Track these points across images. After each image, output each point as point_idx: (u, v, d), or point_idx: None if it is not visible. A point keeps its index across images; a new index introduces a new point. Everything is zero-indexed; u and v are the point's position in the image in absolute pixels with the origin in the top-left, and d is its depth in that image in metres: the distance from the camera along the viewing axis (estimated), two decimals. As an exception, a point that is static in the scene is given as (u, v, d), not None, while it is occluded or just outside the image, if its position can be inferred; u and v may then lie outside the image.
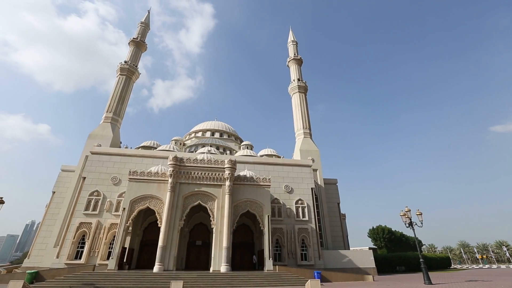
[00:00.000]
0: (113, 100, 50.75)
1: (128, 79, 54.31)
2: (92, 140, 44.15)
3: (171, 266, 28.20)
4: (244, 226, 37.36)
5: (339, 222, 45.70)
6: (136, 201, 30.68)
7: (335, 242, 43.38)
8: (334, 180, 50.01)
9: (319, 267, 34.95)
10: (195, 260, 34.73)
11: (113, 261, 27.42)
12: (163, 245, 28.41)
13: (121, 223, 29.19)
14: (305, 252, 36.50)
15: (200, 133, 66.64)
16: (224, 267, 28.06)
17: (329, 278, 29.95)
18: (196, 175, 32.25)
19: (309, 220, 38.33)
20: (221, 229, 30.15)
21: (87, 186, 36.00)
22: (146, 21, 66.03)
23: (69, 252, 32.20)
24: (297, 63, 63.92)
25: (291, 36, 70.58)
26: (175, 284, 18.71)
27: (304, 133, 53.51)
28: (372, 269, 37.74)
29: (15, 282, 17.25)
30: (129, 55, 57.67)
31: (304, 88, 59.51)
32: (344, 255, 38.53)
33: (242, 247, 36.39)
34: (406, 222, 27.49)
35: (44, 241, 36.44)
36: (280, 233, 36.48)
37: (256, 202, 32.43)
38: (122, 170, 37.37)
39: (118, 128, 49.74)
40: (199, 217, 36.28)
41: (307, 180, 41.43)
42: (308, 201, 39.61)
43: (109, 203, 35.48)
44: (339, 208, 47.34)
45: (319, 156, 49.74)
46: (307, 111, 56.77)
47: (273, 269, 29.10)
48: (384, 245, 76.88)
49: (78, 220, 33.81)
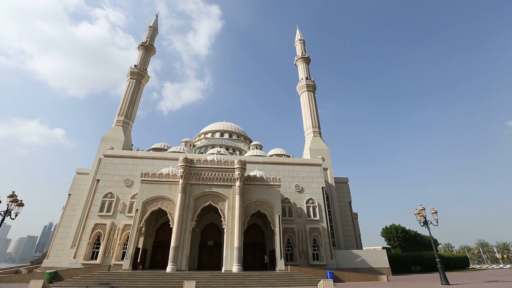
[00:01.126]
0: (124, 104, 51.84)
1: (138, 82, 55.35)
2: (105, 143, 45.26)
3: (183, 266, 28.53)
4: (255, 226, 37.38)
5: (351, 221, 45.05)
6: (148, 203, 31.20)
7: (348, 242, 42.79)
8: (345, 179, 49.35)
9: (332, 267, 34.54)
10: (207, 260, 35.02)
11: (128, 262, 27.97)
12: (176, 246, 28.77)
13: (134, 224, 29.75)
14: (317, 252, 36.17)
15: (209, 134, 67.16)
16: (236, 267, 28.16)
17: (342, 278, 29.57)
18: (206, 176, 32.49)
19: (320, 219, 37.96)
20: (232, 230, 30.27)
21: (101, 188, 36.89)
22: (154, 25, 67.11)
23: (85, 252, 33.10)
24: (305, 62, 63.43)
25: (298, 34, 70.13)
26: (188, 284, 18.92)
27: (313, 131, 53.06)
28: (386, 269, 37.00)
29: (35, 282, 17.91)
30: (139, 59, 58.74)
31: (313, 87, 59.01)
32: (357, 255, 37.95)
33: (253, 247, 36.43)
34: (421, 220, 26.84)
35: (62, 242, 37.63)
36: (291, 233, 36.30)
37: (267, 202, 32.39)
38: (134, 172, 38.09)
39: (130, 131, 50.76)
40: (210, 218, 36.56)
41: (317, 179, 41.04)
42: (319, 201, 39.24)
43: (122, 204, 36.24)
44: (350, 207, 46.69)
45: (329, 155, 49.20)
46: (316, 110, 56.26)
47: (284, 269, 28.97)
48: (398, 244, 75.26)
49: (93, 221, 34.69)
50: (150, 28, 65.56)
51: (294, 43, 70.35)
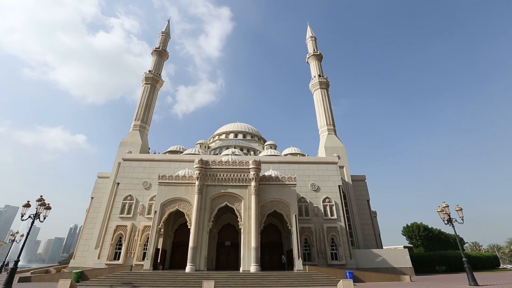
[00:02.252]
0: (140, 108, 53.38)
1: (153, 87, 56.80)
2: (123, 148, 46.79)
3: (202, 266, 28.94)
4: (271, 226, 37.29)
5: (369, 220, 43.94)
6: (166, 204, 31.90)
7: (367, 241, 41.74)
8: (362, 177, 48.21)
9: (351, 267, 33.82)
10: (225, 260, 35.32)
11: (148, 262, 28.76)
12: (194, 246, 29.24)
13: (153, 225, 30.52)
14: (335, 252, 35.55)
15: (223, 135, 67.74)
16: (253, 267, 28.21)
17: (362, 278, 28.89)
18: (222, 177, 32.78)
19: (338, 218, 37.29)
20: (248, 230, 30.35)
21: (121, 191, 38.18)
22: (167, 31, 68.64)
23: (108, 253, 34.38)
24: (317, 59, 62.56)
25: (309, 32, 69.29)
26: (207, 284, 19.17)
27: (328, 129, 52.23)
28: (409, 269, 35.75)
29: (63, 281, 18.85)
30: (153, 65, 60.29)
31: (326, 84, 58.09)
32: (377, 254, 36.94)
33: (270, 247, 36.36)
34: (445, 218, 25.71)
35: (86, 243, 39.32)
36: (308, 232, 35.90)
37: (283, 202, 32.22)
38: (152, 174, 39.09)
39: (146, 135, 52.18)
40: (227, 218, 36.85)
41: (333, 177, 40.34)
42: (336, 199, 38.56)
43: (142, 206, 37.31)
44: (369, 205, 45.53)
45: (345, 153, 48.23)
46: (330, 107, 55.34)
47: (303, 269, 28.71)
48: (420, 243, 72.61)
49: (115, 223, 35.96)
50: (162, 34, 67.14)
51: (305, 41, 69.55)
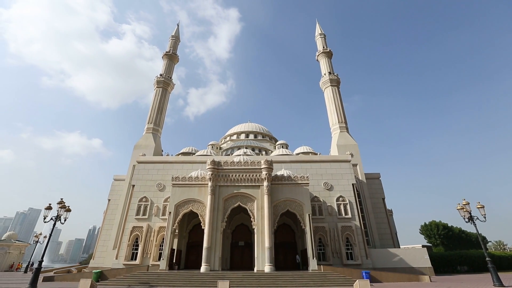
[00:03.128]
0: (152, 112, 54.48)
1: (164, 90, 57.84)
2: (137, 151, 47.89)
3: (216, 266, 29.19)
4: (285, 225, 37.13)
5: (385, 219, 42.88)
6: (180, 205, 32.39)
7: (383, 240, 40.76)
8: (376, 175, 47.15)
9: (367, 267, 33.18)
10: (239, 260, 35.47)
11: (164, 262, 29.31)
12: (208, 246, 29.53)
13: (168, 226, 31.06)
14: (351, 251, 34.97)
15: (234, 136, 68.08)
16: (268, 267, 28.17)
17: (379, 278, 28.27)
18: (234, 177, 32.93)
19: (353, 217, 36.66)
20: (262, 230, 30.34)
21: (136, 193, 39.09)
22: (176, 34, 69.72)
23: (125, 253, 35.29)
24: (327, 56, 61.75)
25: (318, 29, 68.48)
26: (222, 284, 19.33)
27: (340, 127, 51.43)
28: (428, 269, 34.66)
29: (84, 281, 19.58)
30: (164, 68, 61.41)
31: (337, 81, 57.25)
32: (394, 254, 36.03)
33: (284, 246, 36.21)
34: (465, 216, 24.75)
35: (105, 244, 40.52)
36: (322, 231, 35.49)
37: (296, 201, 32.01)
38: (166, 176, 39.79)
39: (159, 137, 53.19)
40: (240, 218, 36.98)
41: (347, 176, 39.70)
42: (350, 198, 37.92)
43: (156, 208, 38.05)
44: (384, 203, 44.45)
45: (358, 150, 47.35)
46: (341, 105, 54.49)
47: (317, 269, 28.41)
48: (440, 242, 70.29)
49: (131, 224, 36.85)
50: (172, 38, 68.24)
51: (314, 38, 68.79)
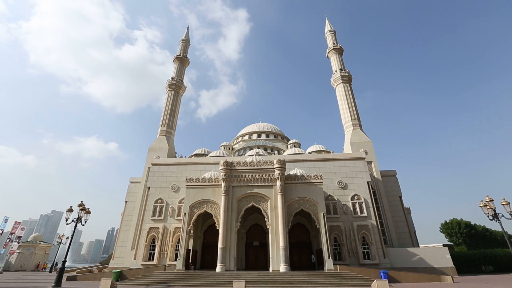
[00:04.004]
0: (165, 115, 55.54)
1: (176, 93, 58.84)
2: (152, 153, 48.97)
3: (232, 266, 29.35)
4: (299, 225, 36.86)
5: (403, 217, 41.72)
6: (194, 206, 32.81)
7: (401, 239, 39.66)
8: (392, 172, 45.95)
9: (385, 267, 32.37)
10: (254, 260, 35.52)
11: (180, 262, 29.77)
12: (223, 247, 29.75)
13: (184, 227, 31.54)
14: (367, 251, 34.23)
15: (246, 136, 68.28)
16: (283, 267, 28.05)
17: (398, 278, 27.53)
18: (247, 178, 33.01)
19: (368, 216, 35.89)
20: (276, 229, 30.25)
21: (151, 195, 39.95)
22: (186, 38, 70.75)
23: (143, 254, 36.14)
24: (338, 53, 60.79)
25: (328, 25, 67.54)
26: (237, 284, 19.42)
27: (353, 124, 50.50)
28: (450, 269, 33.40)
29: (105, 280, 20.24)
30: (175, 72, 62.47)
31: (348, 78, 56.25)
32: (413, 253, 34.97)
33: (299, 246, 35.94)
34: (489, 214, 23.66)
35: (123, 244, 41.69)
36: (337, 231, 34.97)
37: (309, 200, 31.70)
38: (180, 178, 40.44)
39: (172, 140, 54.14)
40: (254, 218, 37.03)
41: (361, 173, 38.92)
42: (365, 196, 37.15)
43: (172, 209, 38.74)
44: (401, 201, 43.26)
45: (373, 148, 46.31)
46: (353, 101, 53.49)
47: (333, 268, 28.01)
48: (462, 241, 67.57)
49: (148, 225, 37.70)
50: (182, 41, 69.32)
51: (324, 35, 67.89)
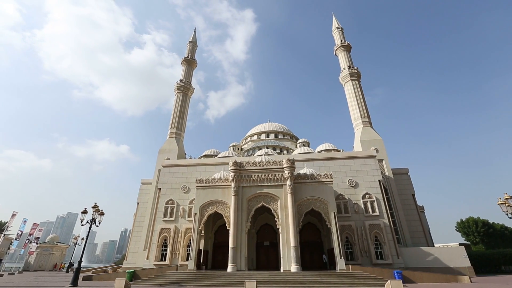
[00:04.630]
0: (174, 117, 56.22)
1: (185, 95, 59.49)
2: (162, 155, 49.67)
3: (243, 266, 29.43)
4: (310, 224, 36.61)
5: (416, 216, 40.77)
6: (204, 207, 33.09)
7: (415, 238, 38.77)
8: (404, 170, 44.99)
9: (399, 266, 31.73)
10: (265, 260, 35.49)
11: (192, 262, 30.09)
12: (234, 247, 29.87)
13: (194, 227, 31.85)
14: (380, 250, 33.64)
15: (255, 136, 68.31)
16: (294, 267, 27.92)
17: (413, 278, 26.95)
18: (257, 178, 33.02)
19: (380, 215, 35.27)
20: (287, 229, 30.14)
21: (162, 196, 40.53)
22: (194, 40, 71.45)
23: (155, 254, 36.71)
24: (346, 50, 60.02)
25: (335, 22, 66.78)
26: (249, 283, 19.45)
27: (362, 122, 49.74)
28: (467, 269, 32.43)
29: (119, 280, 20.69)
30: (183, 74, 63.18)
31: (357, 75, 55.45)
32: (428, 253, 34.15)
33: (310, 246, 35.70)
34: (508, 211, 22.81)
35: (136, 245, 42.46)
36: (349, 230, 34.53)
37: (320, 200, 31.44)
38: (190, 179, 40.86)
39: (182, 141, 54.75)
40: (264, 218, 37.00)
41: (372, 172, 38.30)
42: (377, 195, 36.53)
43: (182, 210, 39.18)
44: (414, 200, 42.29)
45: (383, 145, 45.47)
46: (363, 99, 52.68)
47: (346, 268, 27.68)
48: (479, 240, 65.44)
49: (159, 226, 38.25)
50: (190, 43, 70.06)
51: (331, 33, 67.15)
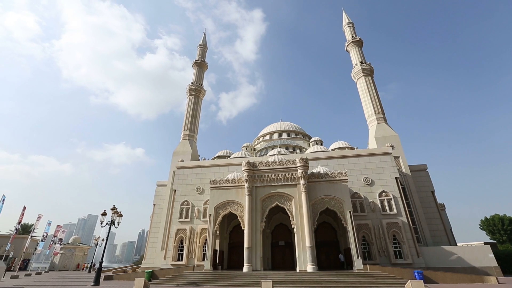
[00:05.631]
0: (187, 119, 57.10)
1: (197, 98, 60.30)
2: (176, 157, 50.54)
3: (258, 266, 29.44)
4: (325, 224, 36.14)
5: (437, 214, 39.34)
6: (219, 207, 33.36)
7: (436, 237, 37.43)
8: (423, 166, 43.52)
9: (419, 266, 30.73)
10: (280, 260, 35.35)
11: (208, 262, 30.43)
12: (249, 247, 29.93)
13: (210, 228, 32.18)
14: (399, 250, 32.71)
15: (267, 136, 68.26)
16: (310, 266, 27.65)
17: (434, 279, 26.01)
18: (270, 177, 32.96)
19: (398, 213, 34.29)
20: (302, 229, 29.90)
21: (178, 197, 41.23)
22: (204, 42, 72.31)
23: (172, 254, 37.41)
24: (357, 45, 58.82)
25: (345, 18, 65.60)
26: (265, 283, 19.40)
27: (377, 118, 48.57)
28: (494, 269, 30.95)
29: (139, 279, 21.24)
30: (194, 76, 64.07)
31: (370, 70, 54.21)
32: (450, 252, 32.86)
33: (326, 245, 35.23)
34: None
35: (153, 245, 43.46)
36: (366, 229, 33.80)
37: (335, 198, 30.97)
38: (204, 180, 41.34)
39: (195, 143, 55.51)
40: (279, 218, 36.87)
41: (388, 169, 37.29)
42: (394, 192, 35.53)
43: (197, 210, 39.70)
44: (434, 197, 40.81)
45: (399, 141, 44.19)
46: (376, 94, 51.45)
47: (363, 268, 27.11)
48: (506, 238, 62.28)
49: (175, 227, 38.94)
50: (200, 46, 70.93)
51: (342, 29, 66.04)
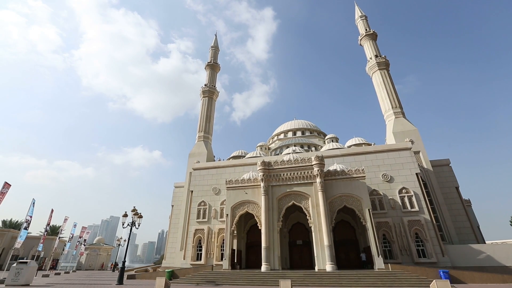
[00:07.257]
0: (201, 120, 57.92)
1: (210, 99, 61.02)
2: (192, 158, 51.41)
3: (276, 266, 29.37)
4: (343, 222, 35.47)
5: (462, 210, 37.54)
6: (235, 207, 33.59)
7: (461, 235, 35.74)
8: (445, 161, 41.70)
9: (445, 265, 29.48)
10: (298, 259, 35.09)
11: (226, 262, 30.72)
12: (266, 246, 29.93)
13: (227, 228, 32.47)
14: (422, 248, 31.52)
15: (282, 135, 67.96)
16: (329, 266, 27.23)
17: (462, 278, 24.84)
18: (286, 176, 32.78)
19: (420, 210, 33.05)
20: (319, 227, 29.52)
21: (195, 198, 41.93)
22: (215, 44, 73.03)
23: (191, 254, 38.10)
24: (371, 38, 57.23)
25: (358, 11, 64.00)
26: (283, 283, 19.30)
27: (394, 113, 47.02)
28: (527, 267, 29.14)
29: (160, 279, 21.72)
30: (207, 78, 64.87)
31: (385, 64, 52.58)
32: (478, 251, 31.27)
33: (345, 244, 34.56)
34: None
35: (173, 246, 44.45)
36: (386, 227, 32.84)
37: (352, 196, 30.33)
38: (220, 180, 41.79)
39: (210, 144, 56.20)
40: (296, 217, 36.60)
41: (408, 165, 36.02)
42: (415, 189, 34.28)
43: (214, 211, 40.20)
44: (459, 193, 38.96)
45: (419, 136, 42.55)
46: (393, 88, 49.82)
47: (384, 267, 26.35)
48: (539, 235, 58.49)
49: (193, 227, 39.63)
50: (212, 48, 71.70)
51: (355, 22, 64.47)
